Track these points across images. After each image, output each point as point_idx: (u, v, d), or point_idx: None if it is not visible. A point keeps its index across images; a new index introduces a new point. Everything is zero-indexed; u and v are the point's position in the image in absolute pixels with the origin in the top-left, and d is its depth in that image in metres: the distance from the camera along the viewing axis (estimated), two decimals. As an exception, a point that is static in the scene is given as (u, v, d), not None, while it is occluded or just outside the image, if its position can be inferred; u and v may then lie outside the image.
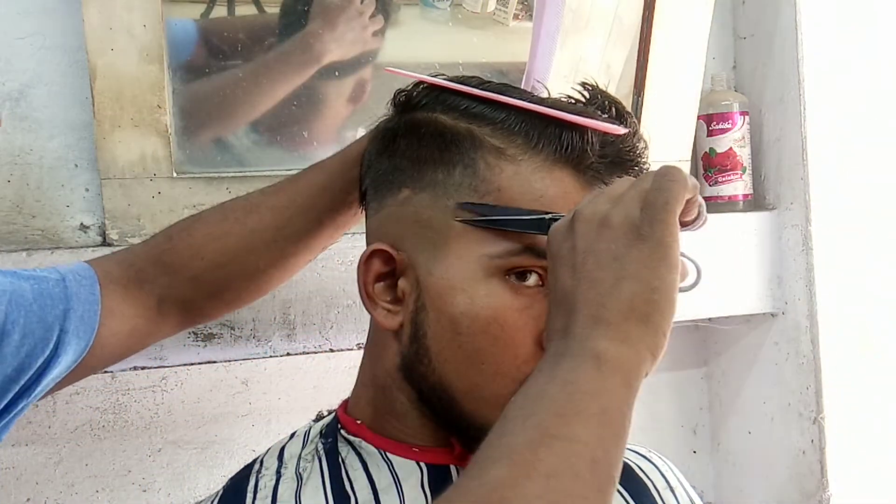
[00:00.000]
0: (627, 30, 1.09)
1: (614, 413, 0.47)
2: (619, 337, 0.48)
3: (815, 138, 1.16)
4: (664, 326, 0.49)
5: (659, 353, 0.49)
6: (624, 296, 0.49)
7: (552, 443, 0.44)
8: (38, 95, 0.93)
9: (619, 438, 0.47)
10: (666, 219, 0.50)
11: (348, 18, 0.96)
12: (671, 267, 0.49)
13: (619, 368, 0.48)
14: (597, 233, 0.51)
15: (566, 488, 0.43)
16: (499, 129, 0.60)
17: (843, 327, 1.17)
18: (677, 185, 0.50)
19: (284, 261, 0.72)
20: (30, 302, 0.61)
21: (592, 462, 0.44)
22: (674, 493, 0.69)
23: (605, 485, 0.45)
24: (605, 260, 0.50)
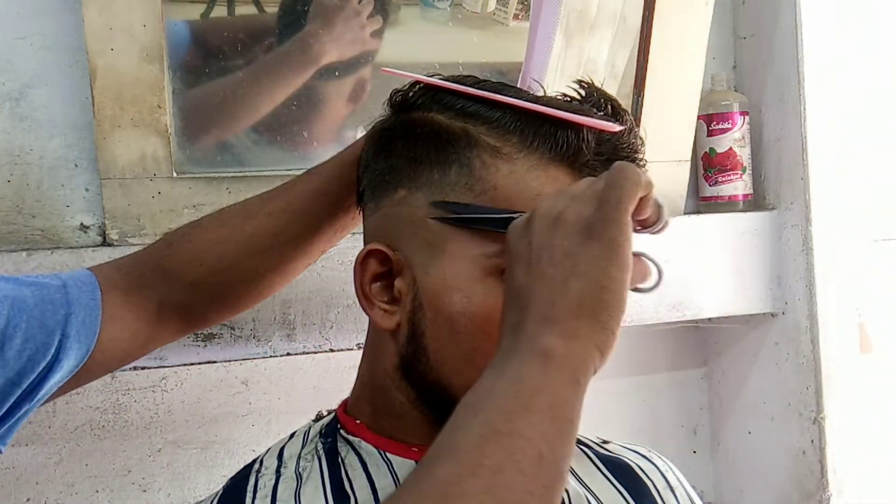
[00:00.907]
0: (630, 29, 1.10)
1: (561, 409, 0.47)
2: (566, 334, 0.48)
3: (815, 138, 1.16)
4: (612, 324, 0.49)
5: (607, 351, 0.50)
6: (573, 293, 0.49)
7: (498, 439, 0.45)
8: (38, 95, 0.93)
9: (567, 434, 0.47)
10: (618, 217, 0.50)
11: (346, 18, 0.96)
12: (622, 266, 0.49)
13: (566, 365, 0.48)
14: (551, 230, 0.51)
15: (511, 484, 0.43)
16: (494, 128, 0.60)
17: (843, 327, 1.17)
18: (630, 183, 0.50)
19: (283, 265, 0.73)
20: (31, 307, 0.61)
21: (538, 458, 0.44)
22: (674, 493, 0.69)
23: (551, 480, 0.45)
24: (558, 257, 0.50)
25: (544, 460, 0.45)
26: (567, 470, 0.46)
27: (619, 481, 0.68)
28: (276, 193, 0.72)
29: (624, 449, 0.72)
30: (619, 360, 1.27)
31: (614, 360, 1.40)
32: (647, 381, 1.29)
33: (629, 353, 1.28)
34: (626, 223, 0.50)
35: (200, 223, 0.72)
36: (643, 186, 0.51)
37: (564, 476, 0.46)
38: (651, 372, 1.30)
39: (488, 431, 0.45)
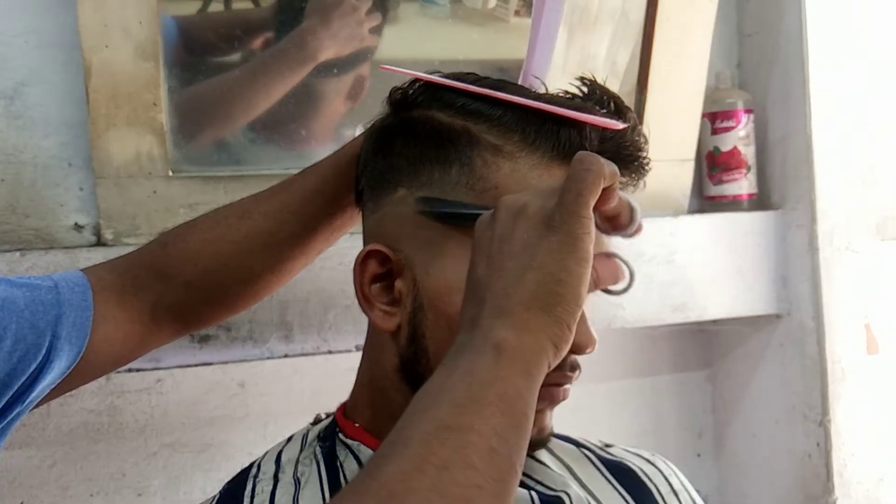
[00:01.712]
0: (632, 26, 1.09)
1: (513, 401, 0.46)
2: (519, 326, 0.48)
3: (820, 137, 1.15)
4: (568, 318, 0.49)
5: (562, 344, 0.49)
6: (528, 286, 0.49)
7: (446, 434, 0.44)
8: (32, 93, 0.92)
9: (519, 426, 0.46)
10: (576, 210, 0.49)
11: (343, 14, 0.96)
12: (579, 259, 0.49)
13: (519, 357, 0.47)
14: (513, 222, 0.51)
15: (459, 479, 0.43)
16: (495, 127, 0.59)
17: (850, 329, 1.17)
18: (591, 174, 0.49)
19: (280, 265, 0.72)
20: (21, 309, 0.61)
21: (489, 451, 0.44)
22: (677, 497, 0.69)
23: (504, 473, 0.45)
24: (516, 249, 0.50)
25: (496, 454, 0.44)
26: (520, 462, 0.46)
27: (622, 485, 0.68)
28: (272, 193, 0.72)
29: (627, 453, 0.72)
30: (622, 363, 1.27)
31: (617, 362, 1.39)
32: (650, 384, 1.29)
33: (632, 355, 1.27)
34: (586, 216, 0.49)
35: (195, 223, 0.72)
36: (606, 177, 0.50)
37: (517, 469, 0.46)
38: (655, 374, 1.29)
39: (437, 427, 0.45)
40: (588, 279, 0.49)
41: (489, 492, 0.43)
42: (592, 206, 0.49)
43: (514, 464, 0.45)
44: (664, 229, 1.12)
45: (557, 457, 0.68)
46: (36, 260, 0.86)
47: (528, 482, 0.64)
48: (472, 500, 0.43)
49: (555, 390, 0.59)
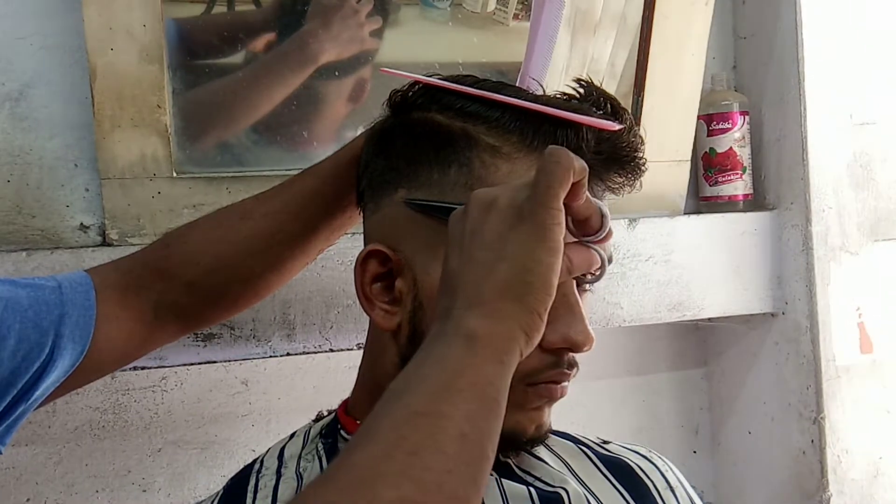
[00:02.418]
0: (630, 29, 1.09)
1: (484, 388, 0.47)
2: (491, 315, 0.49)
3: (815, 138, 1.16)
4: (538, 307, 0.49)
5: (533, 333, 0.50)
6: (499, 276, 0.49)
7: (417, 420, 0.45)
8: (37, 95, 0.93)
9: (491, 412, 0.47)
10: (546, 201, 0.50)
11: (343, 17, 0.96)
12: (549, 249, 0.49)
13: (490, 345, 0.48)
14: (485, 215, 0.51)
15: (429, 464, 0.43)
16: (494, 128, 0.60)
17: (844, 327, 1.17)
18: (560, 168, 0.50)
19: (280, 265, 0.73)
20: (25, 308, 0.62)
21: (461, 436, 0.45)
22: (674, 493, 0.69)
23: (475, 458, 0.45)
24: (488, 241, 0.51)
25: (467, 439, 0.45)
26: (492, 448, 0.47)
27: (619, 481, 0.67)
28: (273, 194, 0.72)
29: (624, 449, 0.72)
30: (619, 361, 1.27)
31: (614, 360, 1.40)
32: (647, 382, 1.29)
33: (629, 353, 1.28)
34: (556, 207, 0.50)
35: (197, 224, 0.73)
36: (576, 171, 0.50)
37: (489, 454, 0.46)
38: (651, 372, 1.30)
39: (407, 414, 0.45)
40: (559, 269, 0.50)
41: (460, 476, 0.44)
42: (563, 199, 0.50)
43: (485, 449, 0.46)
44: (661, 229, 1.13)
45: (556, 453, 0.69)
46: (42, 260, 0.87)
47: (527, 478, 0.64)
48: (443, 485, 0.43)
49: (553, 388, 0.60)
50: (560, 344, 0.58)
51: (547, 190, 0.50)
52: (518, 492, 0.62)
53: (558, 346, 0.58)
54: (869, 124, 1.20)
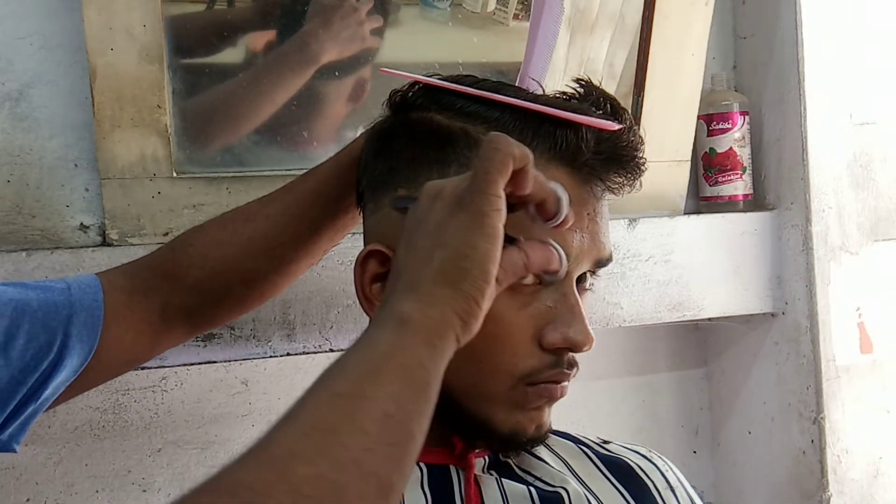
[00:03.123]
0: (629, 29, 1.10)
1: (413, 370, 0.47)
2: (425, 300, 0.49)
3: (815, 138, 1.16)
4: (475, 293, 0.49)
5: (470, 319, 0.49)
6: (436, 262, 0.49)
7: (337, 401, 0.45)
8: (37, 95, 0.93)
9: (420, 394, 0.47)
10: (484, 188, 0.49)
11: (343, 16, 0.96)
12: (486, 236, 0.49)
13: (421, 328, 0.48)
14: (430, 204, 0.52)
15: (347, 443, 0.43)
16: (493, 128, 0.60)
17: (844, 327, 1.17)
18: (499, 154, 0.50)
19: (284, 266, 0.73)
20: (34, 309, 0.64)
21: (384, 417, 0.44)
22: (674, 492, 0.69)
23: (399, 439, 0.45)
24: (430, 229, 0.51)
25: (391, 419, 0.45)
26: (421, 430, 0.46)
27: (619, 481, 0.68)
28: (276, 196, 0.73)
29: (624, 449, 0.72)
30: (619, 361, 1.28)
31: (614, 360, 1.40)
32: (647, 382, 1.29)
33: (629, 353, 1.28)
34: (494, 193, 0.49)
35: (202, 227, 0.74)
36: (517, 158, 0.50)
37: (416, 435, 0.46)
38: (651, 372, 1.30)
39: (329, 395, 0.45)
40: (496, 256, 0.50)
41: (381, 455, 0.43)
42: (503, 186, 0.50)
43: (411, 430, 0.46)
44: (661, 229, 1.13)
45: (556, 453, 0.69)
46: (42, 260, 0.87)
47: (527, 478, 0.65)
48: (362, 463, 0.43)
49: (553, 388, 0.60)
50: (560, 344, 0.58)
51: (484, 176, 0.50)
52: (518, 491, 0.63)
53: (558, 345, 0.59)
54: (869, 124, 1.21)
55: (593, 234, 0.60)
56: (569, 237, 0.58)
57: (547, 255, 0.54)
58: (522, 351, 0.58)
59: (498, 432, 0.61)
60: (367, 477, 0.42)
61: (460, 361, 0.58)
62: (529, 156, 0.51)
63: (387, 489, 0.43)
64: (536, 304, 0.59)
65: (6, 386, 0.62)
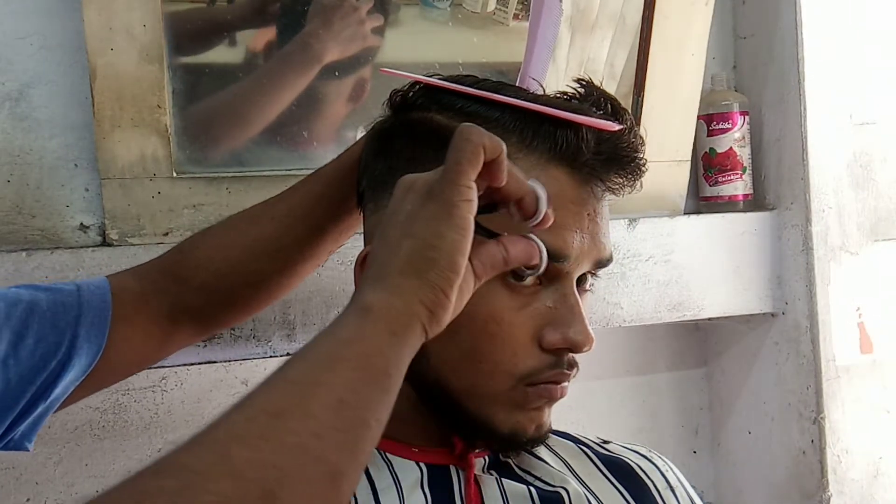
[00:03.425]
0: (629, 29, 1.10)
1: (372, 358, 0.47)
2: (390, 290, 0.48)
3: (815, 138, 1.16)
4: (442, 283, 0.49)
5: (437, 309, 0.49)
6: (404, 252, 0.49)
7: (288, 387, 0.44)
8: (37, 95, 0.93)
9: (377, 383, 0.46)
10: (453, 178, 0.49)
11: (343, 16, 0.96)
12: (454, 226, 0.49)
13: (384, 318, 0.48)
14: (404, 196, 0.52)
15: (294, 427, 0.42)
16: (493, 128, 0.59)
17: (844, 327, 1.17)
18: (469, 145, 0.49)
19: (290, 268, 0.74)
20: (44, 310, 0.65)
21: (338, 403, 0.44)
22: (674, 492, 0.69)
23: (353, 426, 0.45)
24: (400, 220, 0.51)
25: (345, 406, 0.44)
26: (378, 418, 0.46)
27: (619, 481, 0.68)
28: (280, 198, 0.74)
29: (624, 449, 0.72)
30: (619, 361, 1.28)
31: (615, 360, 1.39)
32: (647, 381, 1.29)
33: (629, 353, 1.28)
34: (463, 184, 0.49)
35: (209, 230, 0.75)
36: (488, 149, 0.50)
37: (372, 423, 0.46)
38: (651, 372, 1.30)
39: (282, 382, 0.45)
40: (466, 247, 0.49)
41: (332, 441, 0.43)
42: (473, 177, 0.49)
43: (366, 418, 0.45)
44: (661, 229, 1.13)
45: (556, 453, 0.69)
46: (42, 260, 0.87)
47: (527, 478, 0.65)
48: (308, 448, 0.42)
49: (553, 388, 0.60)
50: (560, 344, 0.58)
51: (454, 167, 0.49)
52: (518, 491, 0.63)
53: (558, 346, 0.59)
54: (869, 124, 1.21)
55: (593, 235, 0.60)
56: (569, 237, 0.58)
57: (527, 249, 0.54)
58: (522, 351, 0.58)
59: (498, 432, 0.61)
60: (314, 462, 0.42)
61: (460, 363, 0.59)
62: (502, 147, 0.50)
63: (336, 475, 0.43)
64: (536, 305, 0.59)
65: (16, 384, 0.63)
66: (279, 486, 0.41)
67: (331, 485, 0.43)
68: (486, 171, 0.50)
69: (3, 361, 0.63)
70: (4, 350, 0.63)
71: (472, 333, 0.58)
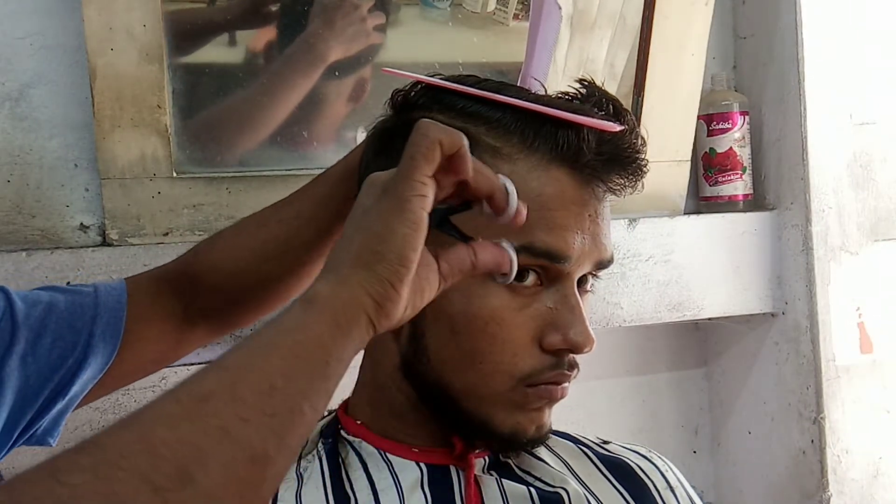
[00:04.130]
0: (629, 29, 1.10)
1: (311, 347, 0.46)
2: (338, 281, 0.48)
3: (815, 138, 1.16)
4: (390, 276, 0.48)
5: (385, 302, 0.48)
6: (354, 245, 0.49)
7: (221, 373, 0.45)
8: (37, 95, 0.93)
9: (315, 372, 0.46)
10: (407, 173, 0.49)
11: (345, 14, 0.97)
12: (405, 220, 0.48)
13: (328, 307, 0.48)
14: (366, 192, 0.52)
15: (218, 410, 0.43)
16: (494, 128, 0.60)
17: (844, 327, 1.17)
18: (425, 140, 0.49)
19: (299, 269, 0.75)
20: (62, 311, 0.68)
21: (269, 389, 0.44)
22: (674, 493, 0.69)
23: (284, 411, 0.44)
24: (357, 215, 0.51)
25: (277, 392, 0.44)
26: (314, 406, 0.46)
27: (619, 481, 0.68)
28: (288, 201, 0.75)
29: (624, 449, 0.72)
30: (619, 361, 1.27)
31: (614, 360, 1.39)
32: (647, 381, 1.29)
33: (630, 353, 1.28)
34: (417, 179, 0.49)
35: (222, 233, 0.77)
36: (445, 143, 0.49)
37: (306, 411, 0.46)
38: (651, 372, 1.30)
39: (215, 368, 0.45)
40: (418, 241, 0.49)
41: (259, 426, 0.43)
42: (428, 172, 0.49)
43: (299, 405, 0.45)
44: (661, 229, 1.13)
45: (556, 453, 0.69)
46: (42, 260, 0.87)
47: (527, 478, 0.65)
48: (232, 431, 0.42)
49: (553, 389, 0.60)
50: (560, 345, 0.59)
51: (409, 161, 0.49)
52: (518, 492, 0.63)
53: (558, 347, 0.59)
54: (869, 124, 1.21)
55: (594, 236, 0.60)
56: (570, 238, 0.58)
57: (496, 256, 0.53)
58: (522, 352, 0.58)
59: (498, 433, 0.61)
60: (237, 444, 0.42)
61: (460, 363, 0.59)
62: (462, 140, 0.50)
63: (260, 459, 0.43)
64: (537, 305, 0.59)
65: (35, 380, 0.66)
66: (196, 465, 0.41)
67: (253, 468, 0.43)
68: (450, 166, 0.50)
69: (23, 359, 0.66)
70: (23, 348, 0.66)
71: (473, 334, 0.58)
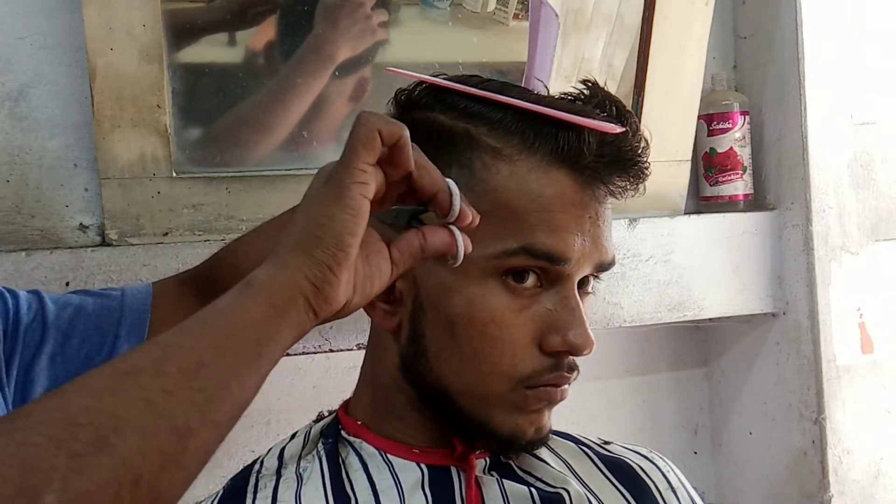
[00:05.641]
0: (628, 29, 1.10)
1: (244, 326, 0.48)
2: (277, 265, 0.50)
3: (815, 138, 1.16)
4: (328, 260, 0.49)
5: (324, 285, 0.49)
6: (295, 231, 0.51)
7: (151, 348, 0.47)
8: (37, 95, 0.93)
9: (246, 351, 0.47)
10: (347, 161, 0.50)
11: (350, 13, 0.97)
12: (344, 206, 0.50)
13: (264, 290, 0.49)
14: (314, 181, 0.53)
15: (143, 383, 0.44)
16: (495, 129, 0.60)
17: (844, 327, 1.17)
18: (364, 129, 0.50)
19: None
20: (90, 313, 0.72)
21: (197, 364, 0.45)
22: (675, 493, 0.69)
23: (210, 386, 0.45)
24: (303, 204, 0.52)
25: (204, 367, 0.45)
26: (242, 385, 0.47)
27: (620, 482, 0.68)
28: None
29: (625, 449, 0.72)
30: (620, 361, 1.27)
31: (614, 360, 1.39)
32: (647, 382, 1.29)
33: (630, 353, 1.28)
34: (355, 166, 0.50)
35: (243, 237, 0.80)
36: (384, 133, 0.50)
37: (234, 389, 0.46)
38: (652, 372, 1.30)
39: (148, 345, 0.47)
40: (356, 228, 0.50)
41: (183, 398, 0.44)
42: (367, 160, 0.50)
43: (227, 382, 0.46)
44: (661, 229, 1.13)
45: (557, 454, 0.69)
46: (41, 260, 0.87)
47: (528, 479, 0.65)
48: (154, 402, 0.43)
49: (553, 391, 0.60)
50: (560, 347, 0.58)
51: (349, 150, 0.51)
52: (519, 492, 0.63)
53: (558, 348, 0.58)
54: (869, 124, 1.21)
55: (595, 238, 0.60)
56: (570, 240, 0.58)
57: (444, 238, 0.54)
58: (522, 353, 0.58)
59: (497, 434, 0.61)
60: (158, 415, 0.43)
61: (460, 364, 0.59)
62: (402, 131, 0.51)
63: (182, 431, 0.44)
64: (537, 307, 0.59)
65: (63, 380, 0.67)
66: (114, 433, 0.42)
67: (174, 439, 0.44)
68: (393, 157, 0.51)
69: (52, 359, 0.69)
70: (52, 348, 0.69)
71: (472, 335, 0.58)
